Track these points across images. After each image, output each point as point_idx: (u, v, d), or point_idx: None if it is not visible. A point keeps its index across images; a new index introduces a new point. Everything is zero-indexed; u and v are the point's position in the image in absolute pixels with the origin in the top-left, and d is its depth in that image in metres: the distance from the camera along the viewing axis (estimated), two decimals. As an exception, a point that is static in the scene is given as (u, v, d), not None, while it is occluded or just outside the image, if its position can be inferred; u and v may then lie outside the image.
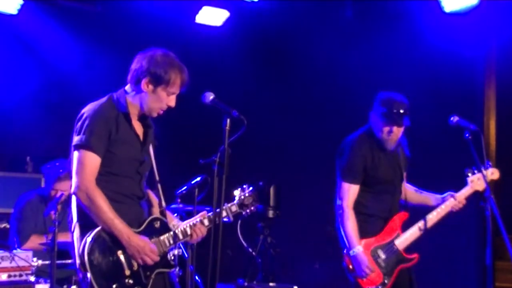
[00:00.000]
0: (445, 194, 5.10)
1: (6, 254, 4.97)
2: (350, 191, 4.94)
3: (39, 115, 7.24)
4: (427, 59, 7.03)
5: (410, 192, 5.22)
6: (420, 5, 7.06)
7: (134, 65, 3.83)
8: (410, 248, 5.02)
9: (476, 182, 5.04)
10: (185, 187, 5.22)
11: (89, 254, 3.58)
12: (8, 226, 6.08)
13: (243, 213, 4.14)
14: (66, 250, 5.71)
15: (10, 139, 6.96)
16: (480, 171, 4.89)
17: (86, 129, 3.67)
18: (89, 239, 3.61)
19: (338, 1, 7.59)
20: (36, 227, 5.77)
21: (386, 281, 4.85)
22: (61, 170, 5.79)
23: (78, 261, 3.63)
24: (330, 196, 5.20)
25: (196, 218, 3.95)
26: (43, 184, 6.14)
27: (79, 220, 3.70)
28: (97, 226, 3.65)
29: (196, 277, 5.87)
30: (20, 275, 5.00)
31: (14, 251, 5.10)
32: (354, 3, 7.57)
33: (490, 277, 4.79)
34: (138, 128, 3.89)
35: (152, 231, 3.83)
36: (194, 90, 3.93)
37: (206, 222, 3.94)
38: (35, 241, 5.57)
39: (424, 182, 5.40)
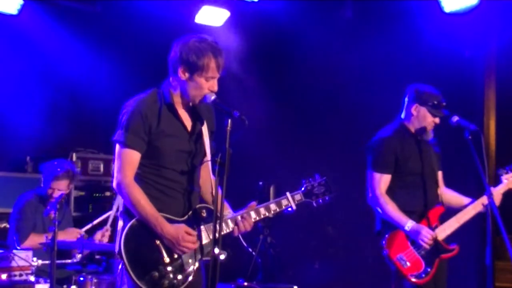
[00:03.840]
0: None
1: (6, 254, 4.96)
2: (382, 180, 4.99)
3: (39, 115, 7.23)
4: (427, 59, 7.03)
5: (450, 196, 5.22)
6: (420, 5, 7.06)
7: (170, 54, 3.78)
8: (449, 239, 4.99)
9: (510, 180, 5.09)
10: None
11: (125, 243, 3.59)
12: (8, 226, 6.08)
13: (313, 203, 4.04)
14: (66, 250, 5.74)
15: (10, 139, 6.95)
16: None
17: (123, 125, 3.67)
18: (126, 228, 3.63)
19: (338, 1, 7.59)
20: (36, 227, 5.77)
21: (428, 269, 4.86)
22: (58, 169, 5.79)
23: (116, 249, 3.65)
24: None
25: (244, 211, 3.85)
26: (42, 184, 6.13)
27: (123, 210, 3.73)
28: None
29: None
30: (20, 275, 4.99)
31: (14, 251, 5.10)
32: (354, 3, 7.56)
33: (490, 277, 4.81)
34: (185, 118, 3.82)
35: (198, 220, 3.78)
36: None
37: (253, 214, 3.85)
38: (34, 239, 5.58)
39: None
